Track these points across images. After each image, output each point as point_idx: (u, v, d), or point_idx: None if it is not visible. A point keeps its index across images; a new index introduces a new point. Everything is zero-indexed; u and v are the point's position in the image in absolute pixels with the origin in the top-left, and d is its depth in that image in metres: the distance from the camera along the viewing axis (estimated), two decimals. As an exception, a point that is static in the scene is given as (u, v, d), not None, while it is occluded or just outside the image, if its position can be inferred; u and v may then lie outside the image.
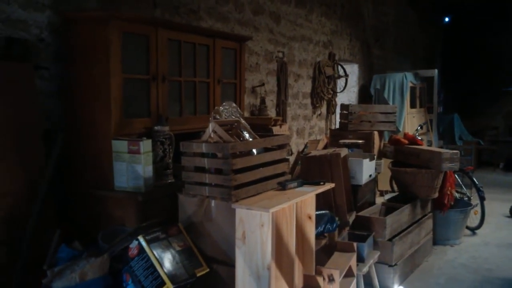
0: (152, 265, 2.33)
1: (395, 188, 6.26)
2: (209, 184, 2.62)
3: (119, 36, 2.84)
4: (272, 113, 5.58)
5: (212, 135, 2.65)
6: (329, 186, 2.91)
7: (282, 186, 2.73)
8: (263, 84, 5.28)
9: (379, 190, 6.28)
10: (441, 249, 5.06)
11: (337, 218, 3.55)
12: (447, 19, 12.48)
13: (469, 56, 12.41)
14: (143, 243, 2.37)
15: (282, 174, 2.93)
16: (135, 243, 2.40)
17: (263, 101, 5.25)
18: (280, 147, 2.96)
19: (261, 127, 3.99)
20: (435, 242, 5.12)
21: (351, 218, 4.00)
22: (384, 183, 6.26)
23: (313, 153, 4.06)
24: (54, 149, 2.72)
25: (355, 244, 3.35)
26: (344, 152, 3.99)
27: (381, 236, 4.04)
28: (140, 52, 3.06)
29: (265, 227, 2.28)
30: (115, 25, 2.80)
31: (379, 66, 8.85)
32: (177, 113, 3.35)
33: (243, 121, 2.92)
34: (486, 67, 12.21)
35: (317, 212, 3.21)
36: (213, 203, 2.61)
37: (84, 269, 2.33)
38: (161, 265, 2.33)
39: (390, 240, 4.07)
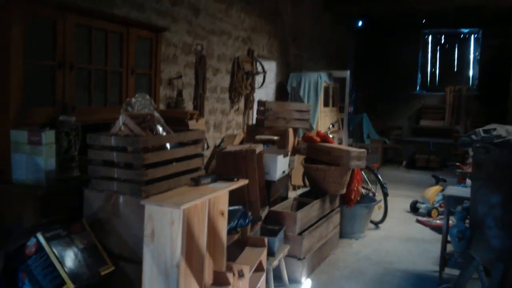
0: (51, 264, 2.18)
1: (307, 183, 6.49)
2: (118, 179, 2.51)
3: (22, 21, 2.63)
4: (189, 106, 5.50)
5: (122, 128, 2.54)
6: (242, 182, 2.92)
7: (196, 182, 2.69)
8: (180, 77, 5.18)
9: (292, 185, 6.45)
10: (347, 242, 5.32)
11: (250, 214, 3.58)
12: (360, 24, 13.11)
13: (379, 60, 13.15)
14: (42, 241, 2.21)
15: (196, 169, 2.89)
16: (33, 240, 2.23)
17: (180, 93, 5.16)
18: (195, 142, 2.92)
19: (177, 121, 3.90)
20: (342, 235, 5.36)
21: (264, 213, 4.06)
22: (297, 178, 6.43)
23: (229, 148, 4.06)
24: None
25: (266, 239, 3.40)
26: (259, 148, 4.04)
27: (292, 231, 4.14)
28: (46, 38, 2.85)
29: (175, 224, 2.23)
30: (17, 9, 2.59)
31: (295, 64, 9.07)
32: (85, 102, 3.18)
33: (156, 115, 2.83)
34: (394, 71, 13.02)
35: (230, 208, 3.21)
36: (121, 198, 2.51)
37: (-28, 270, 2.13)
38: (62, 264, 2.19)
39: (300, 234, 4.19)
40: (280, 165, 4.31)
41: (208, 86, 5.93)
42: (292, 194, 5.35)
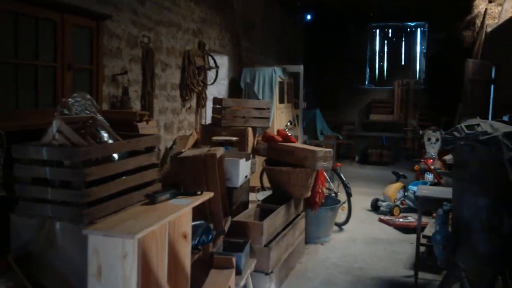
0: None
1: (265, 183, 6.11)
2: (53, 201, 2.00)
3: None
4: (136, 105, 4.95)
5: (57, 136, 2.02)
6: (207, 195, 2.48)
7: (151, 199, 2.22)
8: (125, 72, 4.63)
9: (250, 187, 6.05)
10: (313, 248, 4.99)
11: (213, 228, 3.15)
12: (309, 17, 12.89)
13: (329, 54, 13.02)
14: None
15: (151, 183, 2.42)
16: None
17: (126, 91, 4.61)
18: (148, 149, 2.44)
19: (124, 124, 3.39)
20: (307, 240, 5.02)
21: (227, 225, 3.63)
22: (254, 180, 6.03)
23: (186, 153, 3.59)
24: None
25: (233, 259, 2.97)
26: (219, 151, 3.60)
27: (258, 242, 3.74)
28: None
29: (128, 258, 1.76)
30: None
31: (247, 59, 8.67)
32: (10, 105, 2.60)
33: (100, 118, 2.33)
34: (343, 66, 12.93)
35: (191, 223, 2.76)
36: (58, 226, 2.00)
37: None
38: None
39: (266, 245, 3.80)
40: (242, 170, 3.90)
41: (157, 83, 5.40)
42: (251, 196, 4.95)
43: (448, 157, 6.55)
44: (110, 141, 2.24)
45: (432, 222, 4.77)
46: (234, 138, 4.54)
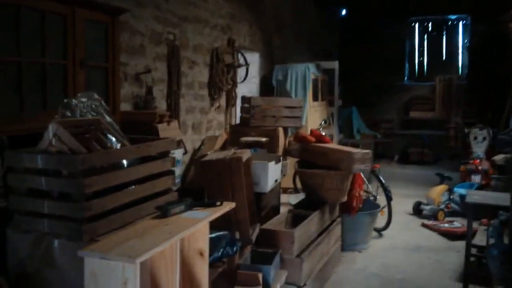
0: None
1: (298, 185, 5.76)
2: (50, 215, 1.76)
3: None
4: (162, 105, 4.74)
5: (53, 142, 1.78)
6: (228, 206, 2.19)
7: (163, 212, 1.95)
8: (149, 71, 4.40)
9: (281, 188, 5.73)
10: (350, 256, 4.63)
11: (238, 239, 2.88)
12: (344, 12, 12.42)
13: (365, 50, 12.51)
14: None
15: (165, 192, 2.15)
16: None
17: (149, 91, 4.39)
18: (162, 155, 2.18)
19: (144, 125, 3.16)
20: (343, 248, 4.66)
21: (255, 233, 3.34)
22: (287, 181, 5.71)
23: (210, 156, 3.32)
24: None
25: (260, 275, 2.67)
26: (246, 154, 3.31)
27: (289, 253, 3.43)
28: None
29: (129, 285, 1.49)
30: None
31: (279, 56, 8.35)
32: (15, 107, 2.40)
33: (108, 120, 2.09)
34: (381, 62, 12.40)
35: (212, 235, 2.49)
36: (55, 243, 1.76)
37: None
38: None
39: (298, 255, 3.48)
40: (271, 173, 3.59)
41: (184, 81, 5.17)
42: (284, 198, 4.64)
43: (499, 158, 6.03)
44: (117, 147, 1.99)
45: (482, 229, 4.33)
46: (263, 139, 4.24)
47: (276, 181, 3.78)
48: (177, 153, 3.89)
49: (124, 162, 2.01)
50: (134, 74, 4.26)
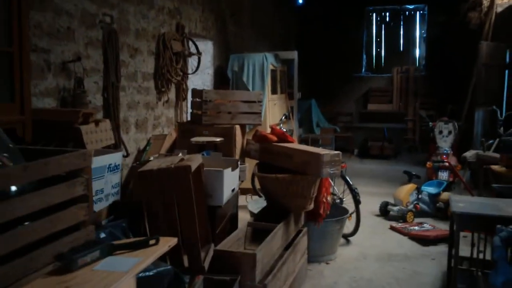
0: None
1: (258, 186, 5.18)
2: None
3: None
4: (97, 100, 4.02)
5: None
6: (167, 244, 1.58)
7: (66, 263, 1.31)
8: (79, 59, 3.68)
9: (239, 189, 5.15)
10: (317, 269, 4.12)
11: (186, 270, 2.28)
12: (300, 1, 11.91)
13: (323, 41, 12.10)
14: None
15: (74, 229, 1.50)
16: None
17: (80, 83, 3.67)
18: (71, 175, 1.53)
19: (62, 127, 2.47)
20: (309, 259, 4.14)
21: (208, 257, 2.73)
22: (245, 182, 5.11)
23: (151, 164, 2.68)
24: None
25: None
26: (196, 161, 2.69)
27: (250, 278, 2.84)
28: None
29: None
30: None
31: (235, 45, 7.72)
32: None
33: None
34: (338, 53, 12.04)
35: (150, 272, 1.89)
36: None
37: None
38: None
39: (261, 281, 2.91)
40: (228, 182, 3.00)
41: (125, 72, 4.46)
42: (241, 201, 4.05)
43: (470, 154, 5.70)
44: (-3, 166, 1.33)
45: (462, 236, 3.92)
46: (218, 139, 3.63)
47: (233, 190, 3.20)
48: (115, 158, 3.20)
49: (13, 188, 1.36)
50: (60, 63, 3.53)
